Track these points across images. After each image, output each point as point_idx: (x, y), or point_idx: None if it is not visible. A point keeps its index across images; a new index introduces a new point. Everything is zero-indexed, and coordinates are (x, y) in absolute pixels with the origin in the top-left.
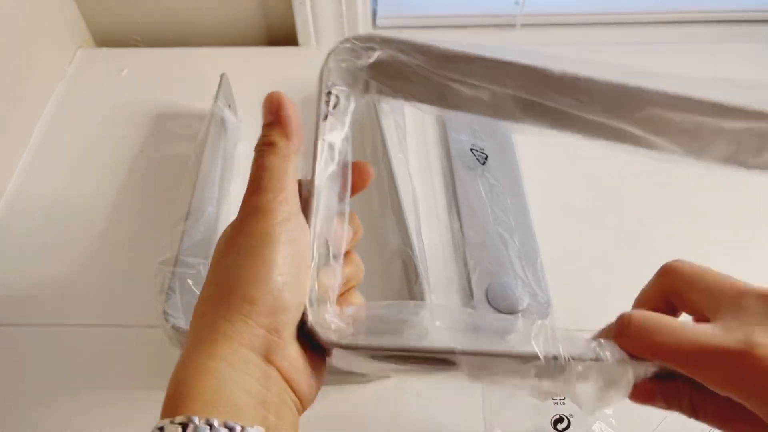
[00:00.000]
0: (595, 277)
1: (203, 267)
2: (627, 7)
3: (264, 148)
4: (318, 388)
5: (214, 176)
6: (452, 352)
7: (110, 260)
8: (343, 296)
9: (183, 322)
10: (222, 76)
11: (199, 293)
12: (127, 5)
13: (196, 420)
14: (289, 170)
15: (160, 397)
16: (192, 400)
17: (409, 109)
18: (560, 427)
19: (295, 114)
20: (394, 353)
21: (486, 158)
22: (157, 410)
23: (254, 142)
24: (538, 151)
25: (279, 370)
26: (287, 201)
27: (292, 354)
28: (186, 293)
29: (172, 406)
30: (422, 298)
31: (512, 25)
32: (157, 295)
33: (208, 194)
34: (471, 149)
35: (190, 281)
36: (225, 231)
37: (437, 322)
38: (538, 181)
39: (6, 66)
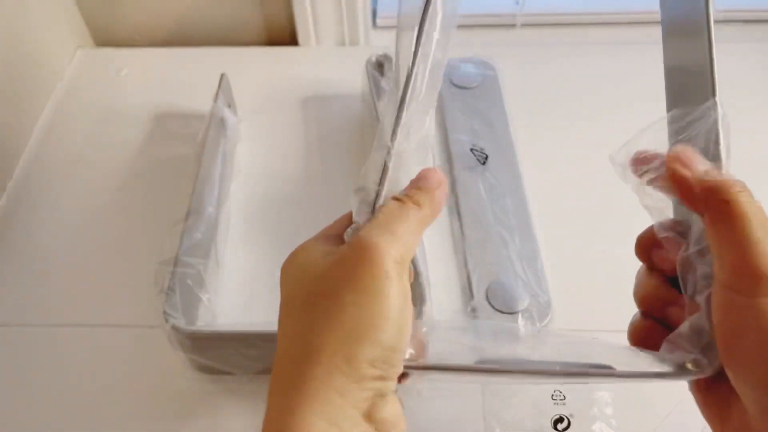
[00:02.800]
0: (596, 277)
1: (203, 267)
2: (627, 7)
3: (411, 205)
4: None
5: (214, 176)
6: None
7: (110, 260)
8: None
9: (183, 322)
10: (222, 75)
11: (198, 293)
12: (127, 5)
13: None
14: (420, 235)
15: (159, 397)
16: None
17: None
18: (560, 427)
19: (445, 195)
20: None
21: (486, 158)
22: (157, 409)
23: (254, 141)
24: (539, 151)
25: (378, 429)
26: (407, 267)
27: (393, 408)
28: (186, 293)
29: None
30: (422, 298)
31: (512, 25)
32: (157, 295)
33: (208, 194)
34: (471, 149)
35: (189, 281)
36: (313, 258)
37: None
38: (539, 181)
39: (6, 66)
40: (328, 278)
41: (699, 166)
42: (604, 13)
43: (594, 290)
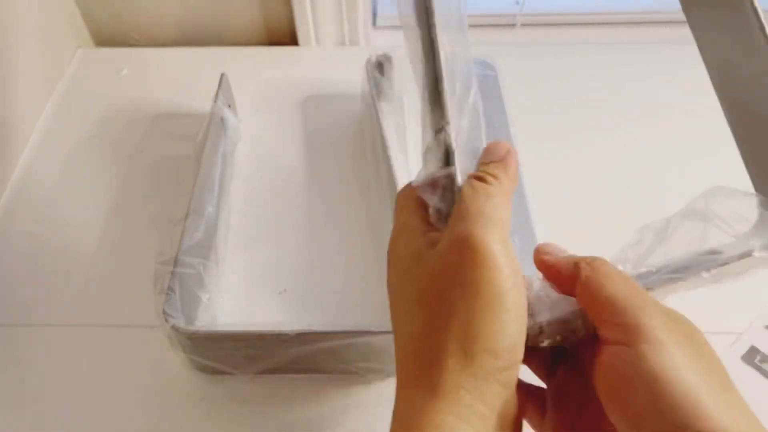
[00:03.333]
0: None
1: (203, 267)
2: (627, 7)
3: (490, 180)
4: None
5: (213, 176)
6: None
7: (110, 260)
8: None
9: (183, 322)
10: (222, 75)
11: (198, 293)
12: (127, 5)
13: None
14: (508, 207)
15: (159, 397)
16: None
17: (409, 110)
18: None
19: (517, 162)
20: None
21: None
22: (157, 409)
23: (254, 141)
24: (539, 150)
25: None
26: (508, 242)
27: (510, 406)
28: (186, 293)
29: None
30: None
31: (512, 25)
32: (157, 295)
33: (207, 194)
34: None
35: (189, 281)
36: (417, 246)
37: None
38: (539, 181)
39: (6, 65)
40: (441, 278)
41: (561, 253)
42: (604, 13)
43: None
